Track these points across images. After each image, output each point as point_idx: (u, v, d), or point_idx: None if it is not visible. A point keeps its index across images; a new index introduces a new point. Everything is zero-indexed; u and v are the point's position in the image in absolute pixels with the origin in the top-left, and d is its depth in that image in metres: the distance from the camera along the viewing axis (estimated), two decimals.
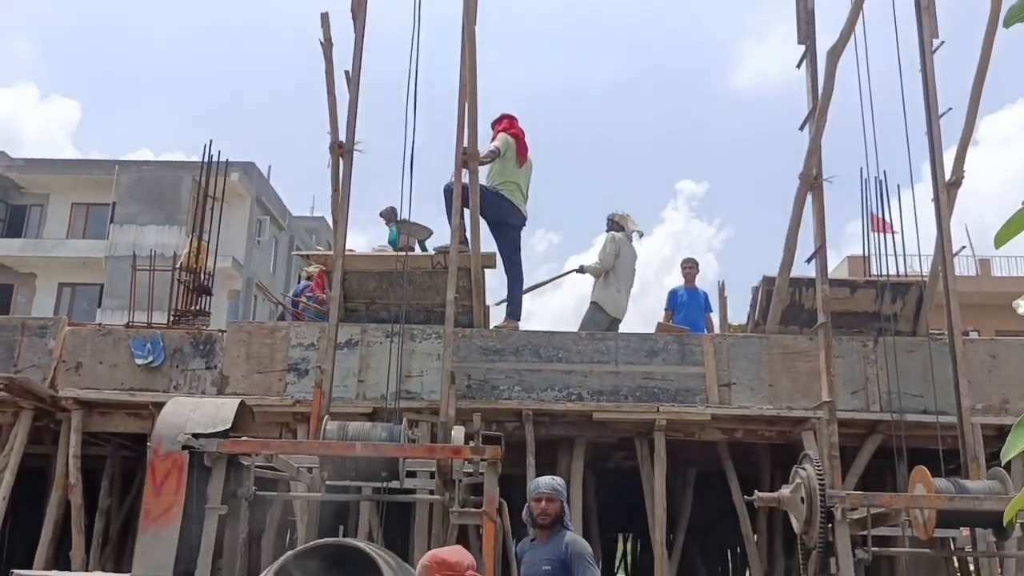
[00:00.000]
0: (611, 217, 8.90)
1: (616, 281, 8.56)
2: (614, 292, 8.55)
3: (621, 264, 8.60)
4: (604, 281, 8.59)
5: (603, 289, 8.57)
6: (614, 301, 8.52)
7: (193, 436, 4.71)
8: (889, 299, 7.45)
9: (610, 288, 8.56)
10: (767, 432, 7.38)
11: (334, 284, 6.79)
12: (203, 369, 7.33)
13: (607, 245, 8.62)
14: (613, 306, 8.50)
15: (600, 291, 8.58)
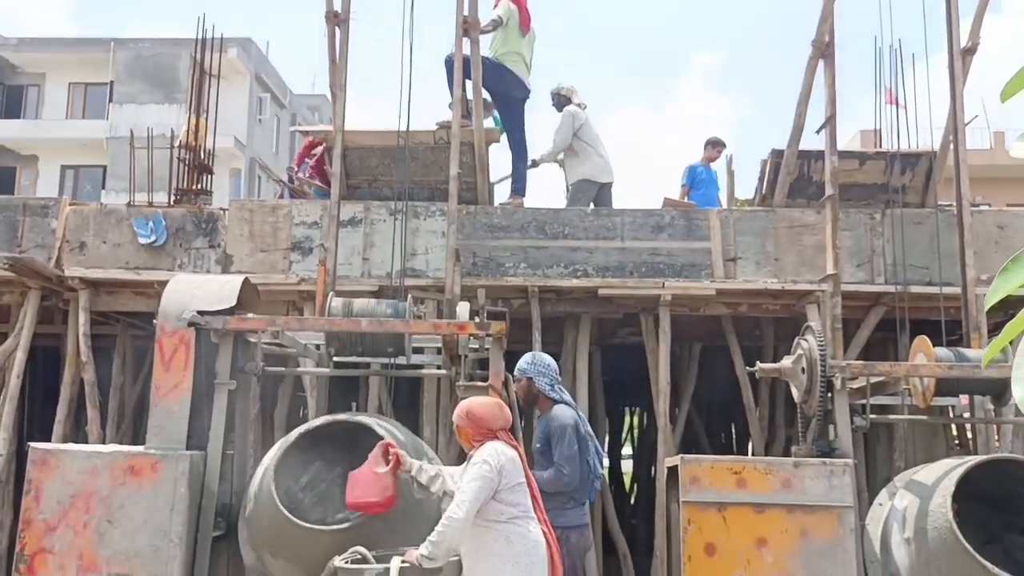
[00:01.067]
0: (558, 91, 8.42)
1: (590, 149, 8.21)
2: (595, 159, 8.22)
3: (585, 133, 8.21)
4: (576, 157, 8.24)
5: (581, 164, 8.22)
6: (597, 167, 8.20)
7: (198, 313, 4.74)
8: (898, 171, 7.33)
9: (589, 158, 8.21)
10: (771, 306, 7.42)
11: (335, 160, 6.70)
12: (207, 248, 7.34)
13: (564, 122, 8.17)
14: (598, 172, 8.20)
15: (578, 167, 8.23)
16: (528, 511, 4.02)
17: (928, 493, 4.54)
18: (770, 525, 4.59)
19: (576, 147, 8.19)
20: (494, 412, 4.21)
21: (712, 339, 8.43)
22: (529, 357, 5.12)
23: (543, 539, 4.01)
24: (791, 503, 4.60)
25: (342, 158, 6.91)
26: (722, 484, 4.67)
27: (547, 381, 5.01)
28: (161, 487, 4.39)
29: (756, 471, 4.69)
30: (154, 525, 4.35)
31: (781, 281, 7.13)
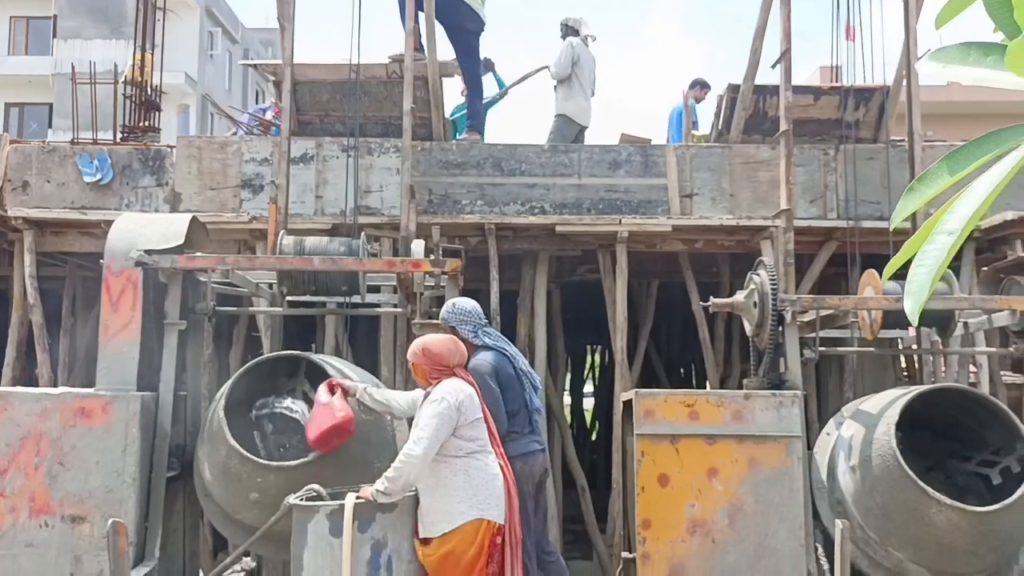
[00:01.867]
0: (565, 22, 8.58)
1: (580, 88, 8.35)
2: (580, 100, 8.35)
3: (581, 70, 8.36)
4: (567, 90, 8.37)
5: (567, 99, 8.37)
6: (580, 109, 8.34)
7: (146, 253, 4.65)
8: (852, 106, 7.36)
9: (575, 97, 8.35)
10: (727, 242, 7.46)
11: (284, 95, 6.54)
12: (154, 186, 7.17)
13: (564, 51, 8.35)
14: (580, 114, 8.33)
15: (564, 101, 8.38)
16: (486, 445, 4.08)
17: (873, 422, 4.66)
18: (721, 455, 4.68)
19: (572, 79, 8.23)
20: (450, 348, 4.24)
21: (669, 276, 8.49)
22: (449, 305, 4.83)
23: (500, 472, 4.08)
24: (741, 434, 4.69)
25: (292, 93, 6.74)
26: (675, 417, 4.74)
27: (469, 328, 4.72)
28: (113, 428, 4.35)
29: (708, 404, 4.77)
30: (107, 467, 4.33)
31: (736, 217, 7.17)
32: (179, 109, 24.77)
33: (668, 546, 4.61)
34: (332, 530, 3.85)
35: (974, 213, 1.04)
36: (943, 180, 1.11)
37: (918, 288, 1.08)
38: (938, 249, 1.07)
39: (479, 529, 3.90)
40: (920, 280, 1.08)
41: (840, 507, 4.76)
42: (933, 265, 1.07)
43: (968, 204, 1.05)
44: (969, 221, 1.04)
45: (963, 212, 1.05)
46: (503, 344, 4.76)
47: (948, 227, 1.07)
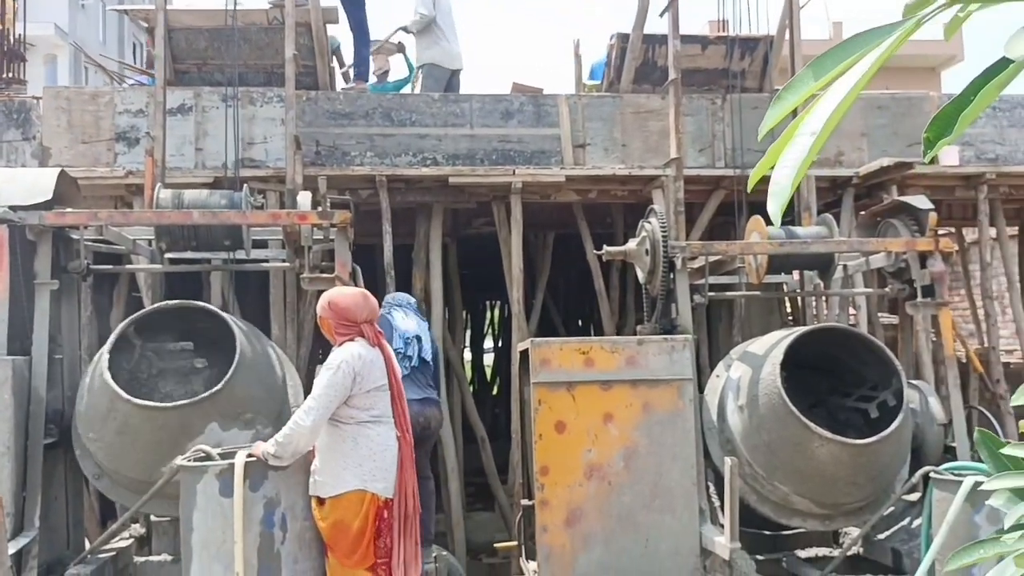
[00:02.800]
0: None
1: (441, 32, 8.03)
2: (445, 44, 8.04)
3: (441, 13, 8.02)
4: (428, 38, 8.03)
5: (431, 47, 8.02)
6: (448, 53, 8.04)
7: (10, 209, 4.36)
8: (738, 55, 7.48)
9: (440, 42, 8.03)
10: (619, 192, 7.53)
11: (157, 42, 6.20)
12: (20, 140, 6.72)
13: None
14: (449, 58, 8.04)
15: (428, 50, 8.02)
16: (381, 416, 3.94)
17: (759, 363, 4.81)
18: (616, 400, 4.75)
19: (433, 28, 7.94)
20: (359, 303, 4.05)
21: (565, 227, 8.53)
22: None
23: (394, 443, 3.96)
24: (635, 379, 4.77)
25: (166, 40, 6.39)
26: (571, 364, 4.78)
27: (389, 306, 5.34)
28: None
29: (603, 350, 4.82)
30: None
31: (628, 167, 7.23)
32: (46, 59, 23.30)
33: (566, 491, 4.67)
34: (222, 490, 3.74)
35: (833, 112, 1.04)
36: (808, 86, 1.11)
37: (780, 189, 1.09)
38: (799, 149, 1.08)
39: (363, 500, 3.81)
40: (782, 181, 1.09)
41: (729, 445, 4.92)
42: (794, 165, 1.08)
43: (827, 105, 1.05)
44: (829, 120, 1.05)
45: (822, 113, 1.05)
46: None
47: (809, 128, 1.07)
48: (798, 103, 1.11)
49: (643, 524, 4.63)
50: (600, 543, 4.61)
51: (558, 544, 4.62)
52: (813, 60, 1.11)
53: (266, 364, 4.61)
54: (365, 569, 3.85)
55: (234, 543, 3.66)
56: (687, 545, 4.63)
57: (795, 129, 1.09)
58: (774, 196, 1.09)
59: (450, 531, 7.29)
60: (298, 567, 3.83)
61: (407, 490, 4.00)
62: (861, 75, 1.03)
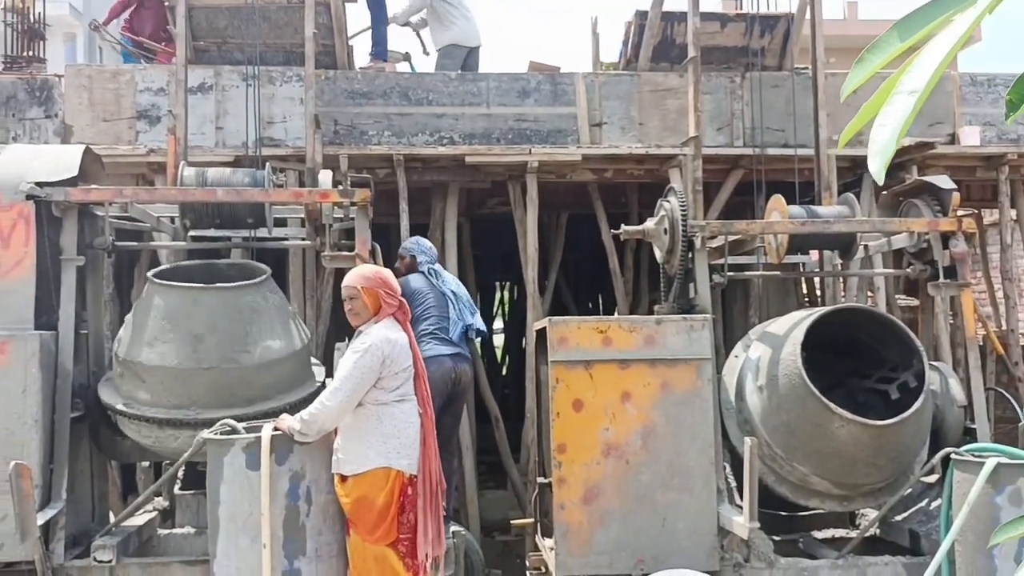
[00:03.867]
0: None
1: (455, 11, 7.91)
2: (461, 23, 7.93)
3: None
4: (440, 22, 7.94)
5: (446, 29, 7.93)
6: (463, 31, 7.93)
7: (37, 185, 4.40)
8: (757, 33, 7.44)
9: (455, 22, 7.92)
10: (636, 171, 7.53)
11: (178, 19, 6.21)
12: (43, 118, 6.76)
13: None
14: (465, 36, 7.94)
15: (444, 32, 7.94)
16: (405, 396, 3.98)
17: (779, 343, 4.82)
18: (634, 379, 4.77)
19: (439, 10, 7.87)
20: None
21: (579, 207, 8.54)
22: (413, 239, 5.72)
23: (416, 420, 4.00)
24: (653, 358, 4.78)
25: (187, 18, 6.41)
26: (588, 343, 4.79)
27: (427, 259, 5.61)
28: (11, 369, 4.15)
29: (621, 329, 4.83)
30: (6, 408, 4.14)
31: (645, 146, 7.22)
32: (65, 38, 23.32)
33: (583, 468, 4.70)
34: (249, 463, 3.79)
35: (934, 72, 1.05)
36: (893, 47, 1.12)
37: (882, 148, 1.10)
38: (900, 109, 1.08)
39: (388, 477, 3.85)
40: (884, 140, 1.09)
41: (748, 426, 4.93)
42: (896, 125, 1.09)
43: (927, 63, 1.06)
44: (930, 80, 1.05)
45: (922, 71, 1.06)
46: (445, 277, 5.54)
47: (908, 87, 1.08)
48: (884, 64, 1.12)
49: (661, 503, 4.66)
50: (617, 521, 4.64)
51: (575, 521, 4.65)
52: (899, 21, 1.12)
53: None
54: (387, 545, 3.89)
55: (260, 515, 3.72)
56: (705, 524, 4.66)
57: (891, 88, 1.09)
58: (876, 155, 1.10)
59: (464, 508, 7.35)
60: (322, 539, 3.89)
61: (430, 466, 4.04)
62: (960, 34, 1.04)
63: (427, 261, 5.63)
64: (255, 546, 3.75)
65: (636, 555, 4.60)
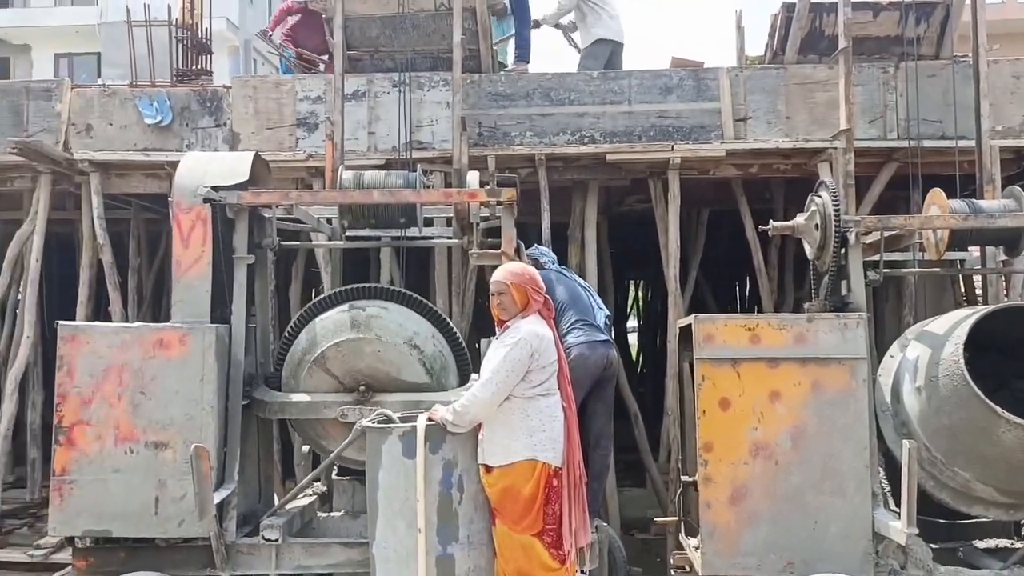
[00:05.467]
0: None
1: (600, 10, 7.94)
2: (606, 19, 7.97)
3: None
4: (586, 20, 8.00)
5: (593, 25, 7.98)
6: (608, 27, 7.96)
7: (212, 189, 4.74)
8: (913, 21, 7.13)
9: (600, 19, 7.97)
10: (782, 166, 7.37)
11: (336, 31, 6.54)
12: (213, 127, 7.28)
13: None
14: (610, 33, 7.97)
15: (591, 28, 7.98)
16: (550, 391, 4.06)
17: (940, 343, 4.61)
18: (783, 378, 4.68)
19: (585, 10, 7.97)
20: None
21: (720, 203, 8.43)
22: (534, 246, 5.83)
23: (561, 414, 4.07)
24: (804, 356, 4.68)
25: (343, 29, 6.74)
26: (736, 341, 4.74)
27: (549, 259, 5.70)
28: (190, 359, 4.49)
29: (770, 327, 4.75)
30: (186, 395, 4.48)
31: (792, 140, 7.06)
32: (230, 51, 24.78)
33: (730, 468, 4.64)
34: (405, 451, 3.96)
35: None
36: None
37: None
38: None
39: (534, 469, 3.93)
40: None
41: (905, 428, 4.75)
42: None
43: None
44: None
45: None
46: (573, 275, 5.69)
47: None
48: None
49: (811, 505, 4.55)
50: (766, 522, 4.57)
51: (722, 521, 4.61)
52: None
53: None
54: (533, 535, 3.98)
55: (416, 501, 3.89)
56: (858, 529, 4.52)
57: None
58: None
59: (604, 506, 7.39)
60: (473, 527, 4.02)
61: (574, 459, 4.11)
62: None
63: (551, 262, 5.71)
64: (411, 531, 3.92)
65: (785, 557, 4.52)
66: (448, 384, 4.94)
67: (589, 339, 5.24)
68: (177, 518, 4.43)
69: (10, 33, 26.02)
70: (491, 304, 4.23)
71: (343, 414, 4.72)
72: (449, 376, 5.00)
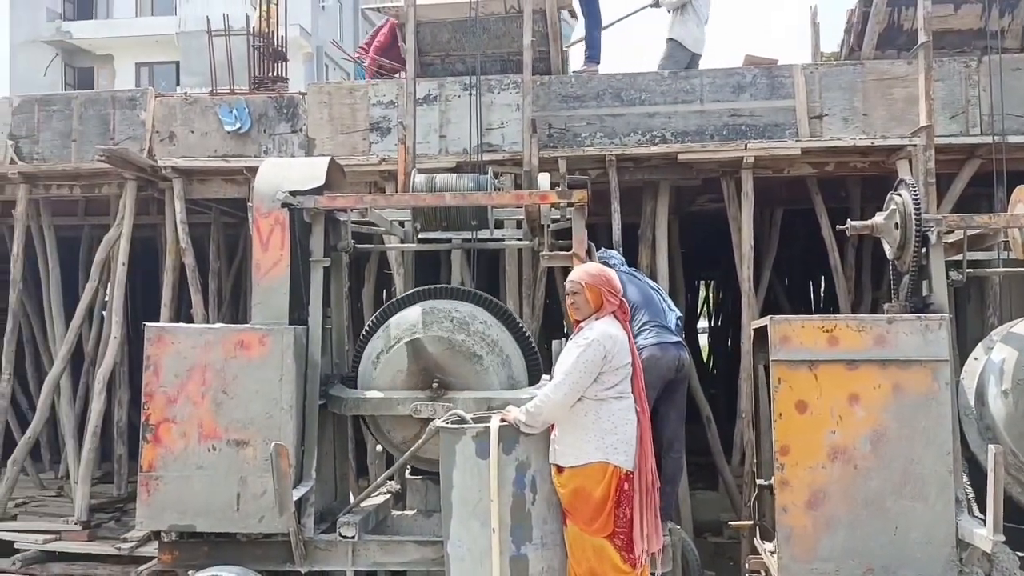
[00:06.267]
0: None
1: (694, 13, 8.04)
2: (693, 27, 8.06)
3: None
4: (682, 16, 8.07)
5: (681, 25, 8.07)
6: (693, 36, 8.04)
7: (290, 194, 4.86)
8: (996, 14, 6.91)
9: (688, 23, 8.06)
10: (860, 164, 7.21)
11: (408, 36, 6.64)
12: (289, 133, 7.46)
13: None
14: (693, 41, 8.04)
15: (678, 27, 8.08)
16: (623, 393, 4.05)
17: None
18: (862, 381, 4.58)
19: (684, 7, 7.98)
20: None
21: (795, 202, 8.28)
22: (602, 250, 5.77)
23: (634, 417, 4.06)
24: (884, 359, 4.57)
25: (415, 34, 6.84)
26: (813, 343, 4.66)
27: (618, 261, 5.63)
28: (270, 359, 4.61)
29: (848, 328, 4.66)
30: (266, 394, 4.60)
31: (870, 137, 6.90)
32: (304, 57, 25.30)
33: (807, 472, 4.57)
34: (479, 451, 4.01)
35: None
36: None
37: None
38: None
39: (605, 471, 3.93)
40: None
41: (990, 433, 4.63)
42: None
43: None
44: None
45: None
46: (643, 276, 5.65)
47: None
48: None
49: (892, 511, 4.45)
50: (844, 527, 4.48)
51: (800, 526, 4.53)
52: None
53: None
54: (604, 537, 3.98)
55: (490, 501, 3.93)
56: (941, 535, 4.40)
57: None
58: None
59: (676, 509, 7.32)
60: (547, 527, 4.04)
61: (647, 463, 4.09)
62: None
63: (619, 264, 5.69)
64: (485, 530, 3.96)
65: (865, 564, 4.43)
66: (519, 384, 4.97)
67: (660, 341, 5.22)
68: (257, 514, 4.55)
69: (94, 44, 27.04)
70: (566, 304, 4.24)
71: (416, 410, 4.78)
72: (520, 376, 5.03)
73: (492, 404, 4.64)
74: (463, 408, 4.48)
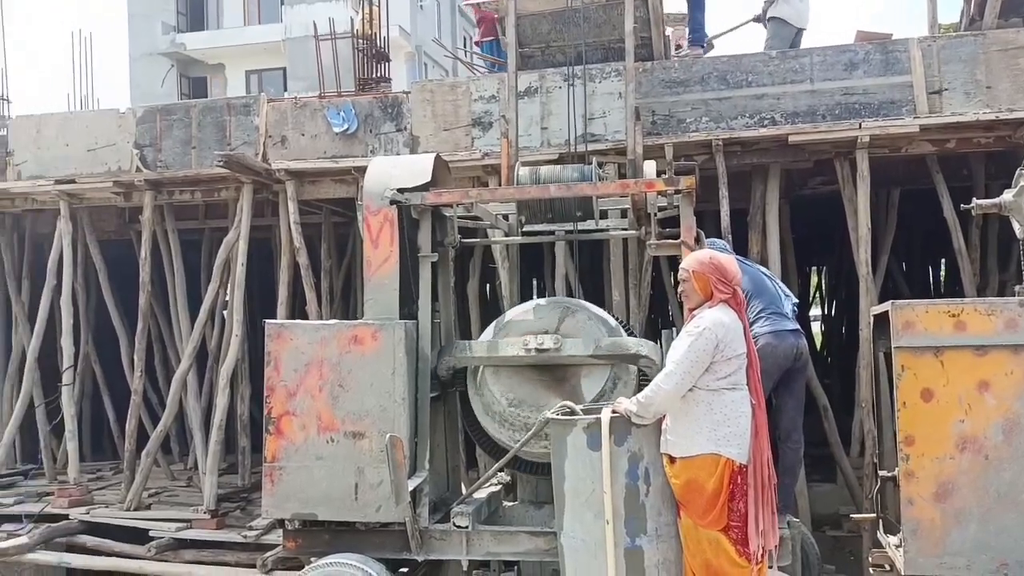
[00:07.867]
0: None
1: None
2: (796, 2, 7.83)
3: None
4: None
5: (783, 2, 7.85)
6: (796, 11, 7.81)
7: (398, 191, 4.94)
8: None
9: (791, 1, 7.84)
10: (983, 139, 6.85)
11: (508, 29, 6.66)
12: (394, 132, 7.61)
13: None
14: (796, 16, 7.81)
15: (780, 4, 7.86)
16: (737, 384, 3.94)
17: None
18: (993, 367, 4.36)
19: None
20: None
21: (912, 182, 7.93)
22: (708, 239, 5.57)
23: (748, 410, 3.95)
24: (1017, 343, 4.33)
25: (516, 27, 6.86)
26: (938, 328, 4.45)
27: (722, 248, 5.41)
28: (382, 353, 4.70)
29: (976, 312, 4.43)
30: (379, 388, 4.70)
31: (995, 111, 6.54)
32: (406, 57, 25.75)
33: (934, 463, 4.37)
34: (590, 443, 3.99)
35: None
36: None
37: None
38: None
39: (717, 463, 3.84)
40: None
41: None
42: None
43: None
44: None
45: None
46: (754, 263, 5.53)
47: None
48: None
49: None
50: (975, 520, 4.28)
51: (927, 519, 4.35)
52: None
53: None
54: (719, 530, 3.90)
55: (603, 493, 3.91)
56: None
57: None
58: None
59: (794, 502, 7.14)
60: (662, 519, 3.98)
61: (762, 458, 3.96)
62: None
63: (722, 249, 5.50)
64: (599, 521, 3.94)
65: (998, 559, 4.22)
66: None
67: (776, 328, 5.08)
68: (375, 504, 4.65)
69: (206, 54, 28.23)
70: (678, 292, 4.19)
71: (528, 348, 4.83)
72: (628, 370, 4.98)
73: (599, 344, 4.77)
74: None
